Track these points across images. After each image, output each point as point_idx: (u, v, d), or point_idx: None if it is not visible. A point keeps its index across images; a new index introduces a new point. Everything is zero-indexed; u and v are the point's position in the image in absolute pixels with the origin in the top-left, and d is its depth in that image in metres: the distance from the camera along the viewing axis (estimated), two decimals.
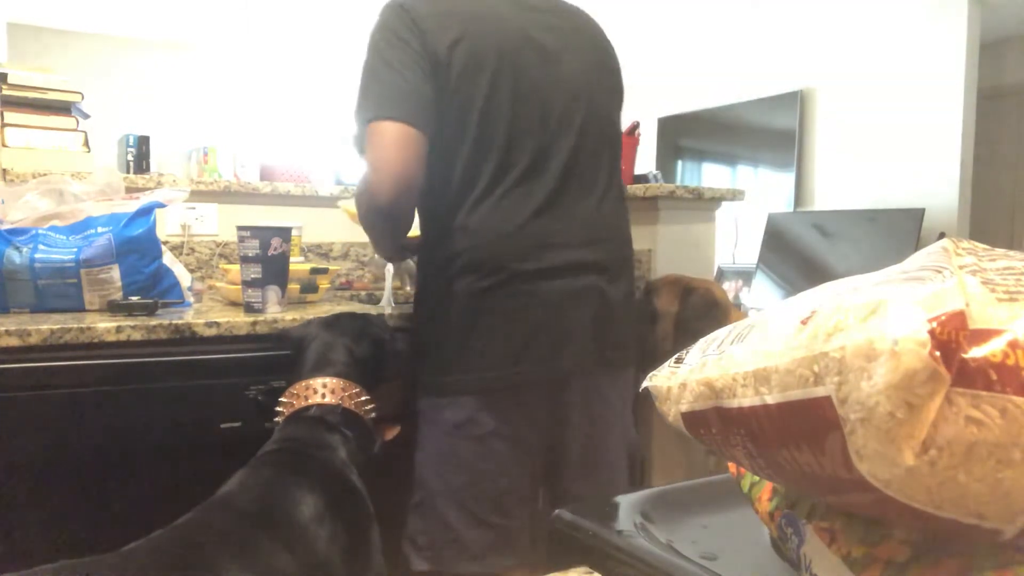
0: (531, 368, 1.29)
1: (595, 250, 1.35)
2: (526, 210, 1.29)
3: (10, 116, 1.89)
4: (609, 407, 1.39)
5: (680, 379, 0.50)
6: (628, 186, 1.96)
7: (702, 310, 1.78)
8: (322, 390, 1.20)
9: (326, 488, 1.06)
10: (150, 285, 1.51)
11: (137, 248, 1.49)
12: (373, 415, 1.25)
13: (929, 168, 3.57)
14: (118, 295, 1.47)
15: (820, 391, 0.37)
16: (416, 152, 1.23)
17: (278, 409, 1.22)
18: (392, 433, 1.34)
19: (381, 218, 1.29)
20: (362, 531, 1.10)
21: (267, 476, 1.07)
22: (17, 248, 1.43)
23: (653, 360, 0.78)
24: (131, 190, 1.70)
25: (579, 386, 1.35)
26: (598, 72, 1.42)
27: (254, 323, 1.41)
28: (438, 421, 1.32)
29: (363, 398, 1.24)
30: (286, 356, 1.41)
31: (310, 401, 1.19)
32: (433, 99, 1.25)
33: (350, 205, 1.64)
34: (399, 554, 1.35)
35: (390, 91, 1.24)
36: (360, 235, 2.21)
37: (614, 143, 1.45)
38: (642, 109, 4.65)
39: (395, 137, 1.22)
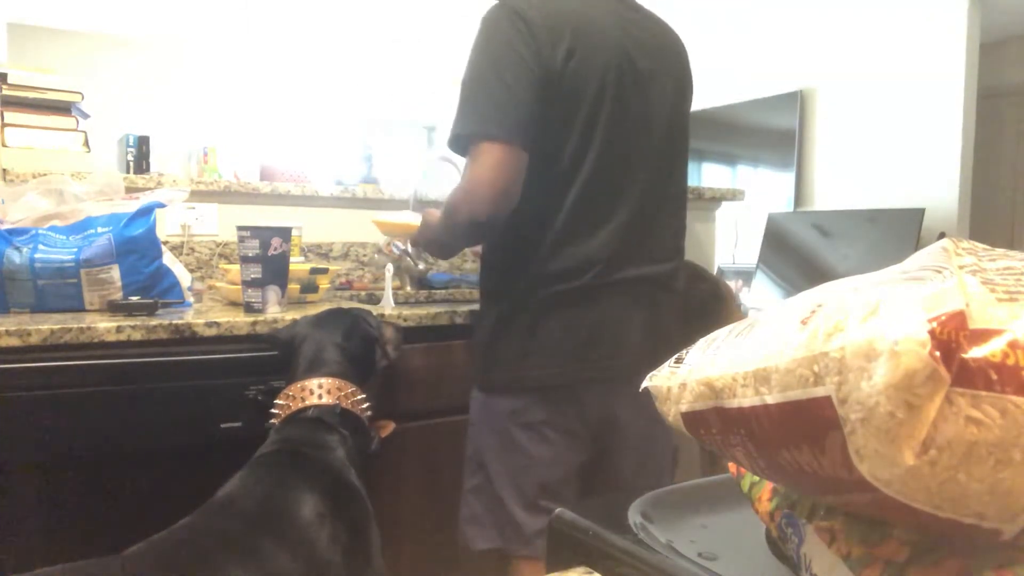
0: (587, 368, 1.35)
1: (662, 266, 1.42)
2: (612, 224, 1.35)
3: (10, 116, 1.89)
4: None
5: (680, 379, 0.50)
6: None
7: (704, 302, 1.78)
8: (318, 391, 1.20)
9: (326, 488, 1.06)
10: (150, 285, 1.51)
11: (137, 248, 1.49)
12: (369, 413, 1.25)
13: (929, 168, 3.57)
14: (118, 295, 1.47)
15: (820, 391, 0.37)
16: (518, 172, 1.28)
17: (273, 411, 1.22)
18: (388, 430, 1.35)
19: (474, 228, 1.33)
20: (362, 531, 1.09)
21: (267, 477, 1.07)
22: (17, 248, 1.43)
23: None
24: (131, 190, 1.70)
25: (635, 387, 1.37)
26: (680, 93, 1.47)
27: (254, 323, 1.41)
28: (495, 409, 1.39)
29: (359, 397, 1.24)
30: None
31: (307, 402, 1.19)
32: (539, 113, 1.28)
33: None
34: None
35: (498, 106, 1.27)
36: (360, 235, 2.22)
37: (686, 157, 1.52)
38: None
39: (499, 158, 1.26)
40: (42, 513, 1.25)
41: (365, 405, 1.24)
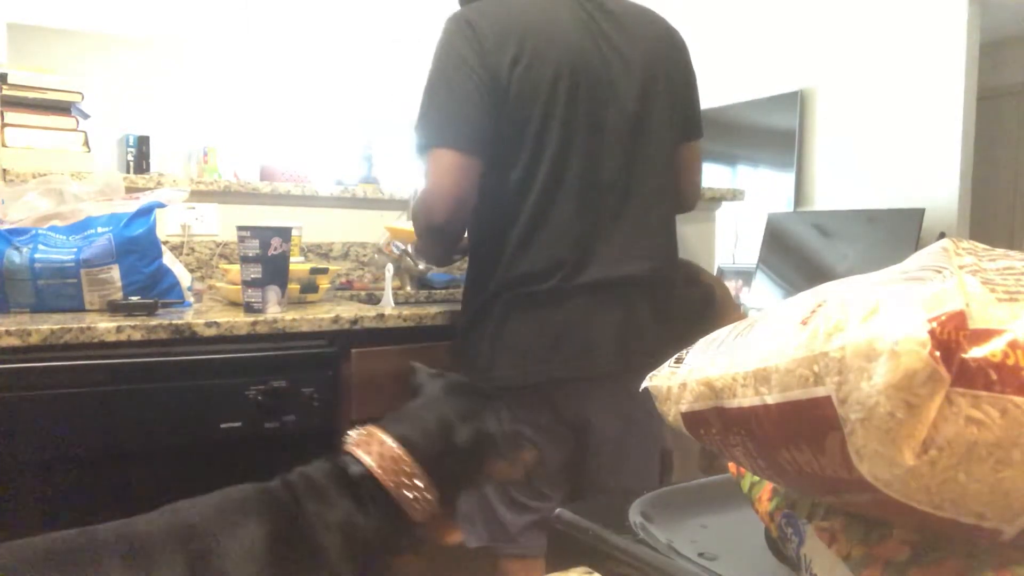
0: (555, 369, 1.35)
1: (637, 265, 1.41)
2: (577, 227, 1.35)
3: (10, 116, 1.89)
4: (639, 408, 1.42)
5: (680, 379, 0.50)
6: None
7: (696, 309, 1.77)
8: (378, 448, 1.03)
9: (279, 535, 0.92)
10: (150, 285, 1.51)
11: (137, 248, 1.49)
12: (418, 506, 1.03)
13: (929, 168, 3.57)
14: (118, 295, 1.47)
15: (820, 391, 0.37)
16: (471, 178, 1.32)
17: (346, 437, 1.07)
18: (452, 538, 1.11)
19: (435, 233, 1.40)
20: None
21: (230, 498, 0.96)
22: (17, 248, 1.43)
23: None
24: (131, 190, 1.70)
25: (608, 388, 1.40)
26: (658, 87, 1.42)
27: (254, 323, 1.41)
28: None
29: (413, 481, 1.03)
30: (286, 356, 1.41)
31: (357, 452, 1.03)
32: (490, 122, 1.31)
33: (397, 225, 1.77)
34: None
35: (450, 117, 1.32)
36: (360, 235, 2.22)
37: (668, 153, 1.47)
38: None
39: (452, 165, 1.31)
40: (42, 513, 1.25)
41: (413, 495, 1.02)
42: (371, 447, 1.03)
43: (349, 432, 1.06)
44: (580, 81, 1.34)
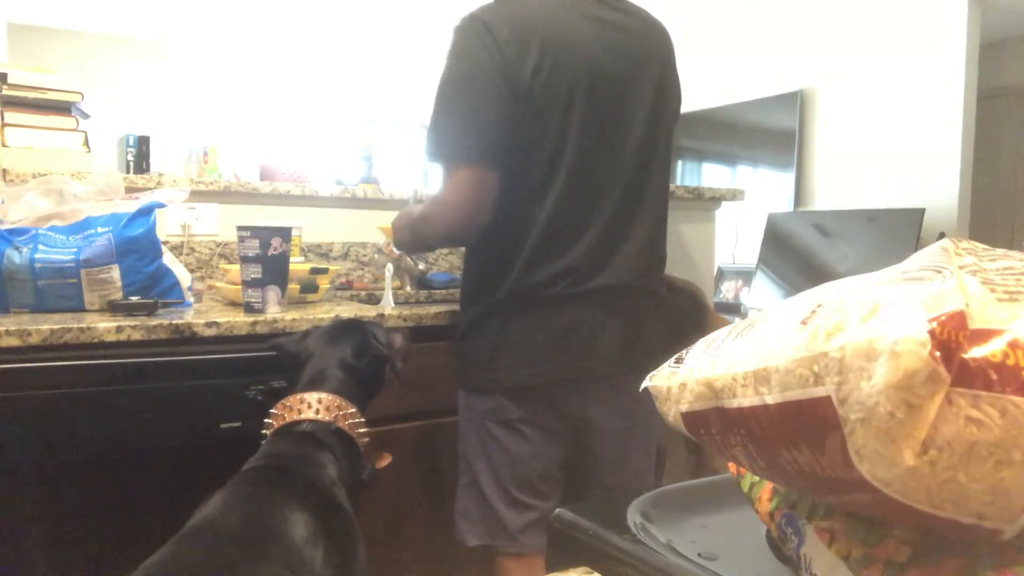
0: (557, 370, 1.36)
1: (639, 273, 1.42)
2: (588, 235, 1.36)
3: (10, 116, 1.89)
4: (639, 406, 1.43)
5: (680, 379, 0.50)
6: None
7: (688, 312, 1.79)
8: (316, 405, 1.15)
9: (315, 507, 1.01)
10: (150, 285, 1.51)
11: (137, 248, 1.49)
12: (366, 439, 1.20)
13: (929, 168, 3.57)
14: (118, 295, 1.47)
15: (820, 391, 0.37)
16: (489, 192, 1.32)
17: (267, 421, 1.18)
18: (384, 462, 1.29)
19: (448, 241, 1.43)
20: (350, 551, 1.05)
21: (254, 495, 1.02)
22: (17, 248, 1.43)
23: None
24: (131, 190, 1.70)
25: (608, 388, 1.41)
26: (660, 96, 1.43)
27: (254, 323, 1.41)
28: (474, 408, 1.42)
29: (357, 420, 1.19)
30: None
31: (302, 415, 1.14)
32: (509, 129, 1.30)
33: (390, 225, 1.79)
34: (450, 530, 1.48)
35: (467, 130, 1.30)
36: (360, 235, 2.22)
37: (667, 162, 1.49)
38: None
39: (471, 181, 1.31)
40: (42, 513, 1.25)
41: (362, 430, 1.19)
42: (312, 406, 1.15)
43: (271, 410, 1.17)
44: (595, 92, 1.34)
